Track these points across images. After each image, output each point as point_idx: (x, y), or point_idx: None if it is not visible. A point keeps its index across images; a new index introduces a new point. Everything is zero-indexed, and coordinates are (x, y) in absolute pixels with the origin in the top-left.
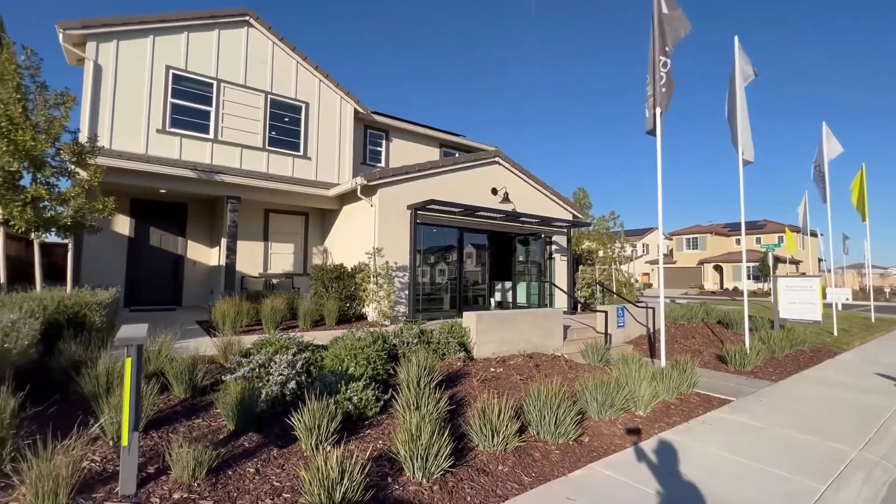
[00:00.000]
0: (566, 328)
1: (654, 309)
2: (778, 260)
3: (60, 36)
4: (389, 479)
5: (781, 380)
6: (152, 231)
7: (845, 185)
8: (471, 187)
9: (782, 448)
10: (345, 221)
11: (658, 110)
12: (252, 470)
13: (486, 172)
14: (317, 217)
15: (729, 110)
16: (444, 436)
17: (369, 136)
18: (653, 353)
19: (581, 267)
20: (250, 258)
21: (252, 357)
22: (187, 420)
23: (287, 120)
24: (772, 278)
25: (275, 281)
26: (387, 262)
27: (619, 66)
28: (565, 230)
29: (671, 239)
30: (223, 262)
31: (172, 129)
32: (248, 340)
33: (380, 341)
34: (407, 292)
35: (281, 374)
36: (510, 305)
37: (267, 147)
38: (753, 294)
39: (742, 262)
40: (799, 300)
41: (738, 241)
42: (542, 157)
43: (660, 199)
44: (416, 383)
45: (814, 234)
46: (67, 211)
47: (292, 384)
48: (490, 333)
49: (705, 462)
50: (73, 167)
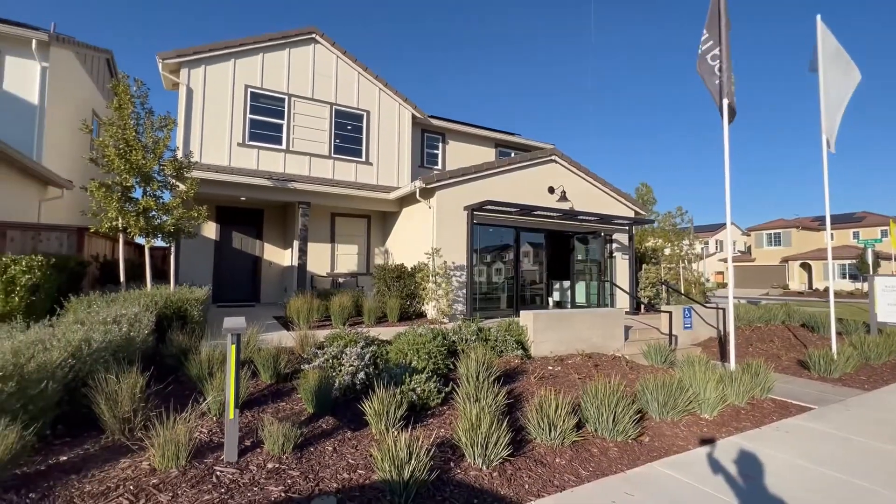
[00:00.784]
0: (627, 329)
1: (724, 310)
2: (879, 257)
3: (160, 65)
4: (452, 464)
5: (875, 389)
6: (234, 235)
7: None
8: (527, 186)
9: (871, 460)
10: (404, 223)
11: (724, 93)
12: (330, 448)
13: (543, 171)
14: (378, 219)
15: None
16: (503, 426)
17: (426, 140)
18: (723, 356)
19: (644, 266)
20: (318, 259)
21: (326, 349)
22: (273, 403)
23: (350, 128)
24: (869, 277)
25: (341, 280)
26: (445, 262)
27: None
28: (626, 228)
29: (749, 235)
30: (295, 263)
31: (251, 143)
32: (321, 334)
33: (440, 338)
34: (464, 291)
35: (352, 365)
36: (568, 305)
37: (332, 155)
38: (850, 295)
39: (828, 258)
40: None
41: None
42: (603, 154)
43: (727, 187)
44: (475, 377)
45: None
46: (171, 219)
47: (361, 374)
48: (547, 332)
49: (778, 469)
50: (173, 181)
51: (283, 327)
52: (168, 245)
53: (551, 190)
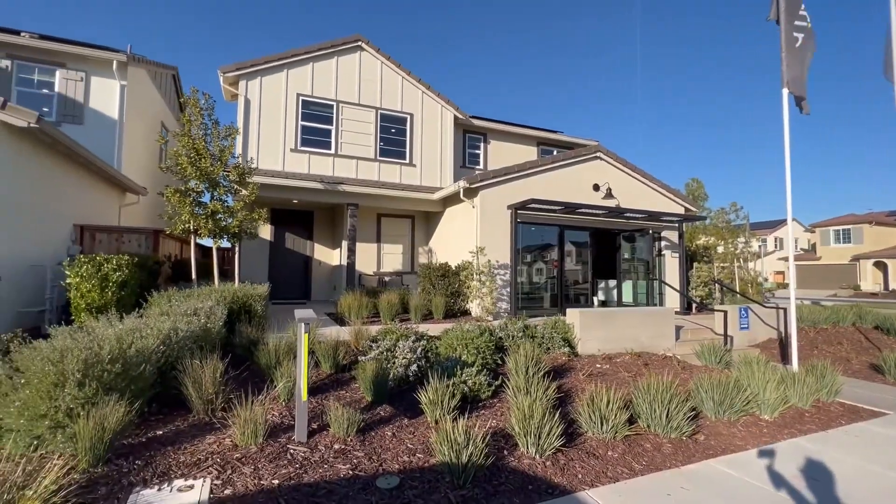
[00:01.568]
0: (678, 328)
1: (784, 310)
2: None
3: (221, 79)
4: (505, 452)
5: None
6: (287, 236)
7: None
8: (571, 184)
9: None
10: (448, 222)
11: (783, 82)
12: (389, 434)
13: (587, 168)
14: (422, 219)
15: (885, 68)
16: (556, 417)
17: (468, 140)
18: (784, 358)
19: (696, 264)
20: (366, 258)
21: (379, 343)
22: (334, 391)
23: (393, 131)
24: None
25: (386, 278)
26: (489, 261)
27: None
28: (676, 225)
29: (813, 231)
30: (344, 262)
31: (302, 148)
32: (373, 329)
33: (487, 334)
34: (508, 289)
35: (405, 358)
36: (614, 305)
37: (378, 157)
38: None
39: None
40: None
41: None
42: (651, 148)
43: (788, 181)
44: (524, 371)
45: None
46: (235, 220)
47: (414, 367)
48: (594, 330)
49: (847, 473)
50: (237, 185)
51: (335, 323)
52: (232, 245)
53: (596, 187)
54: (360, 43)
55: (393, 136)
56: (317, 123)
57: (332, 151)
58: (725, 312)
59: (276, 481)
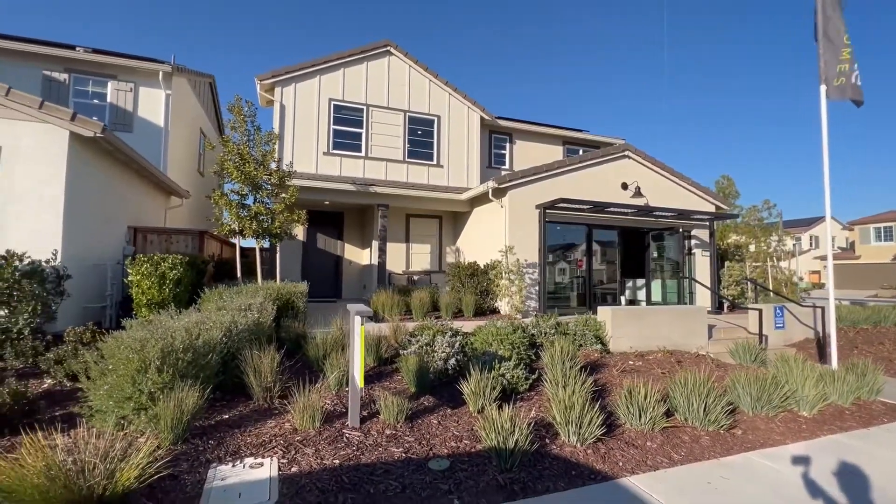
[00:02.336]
0: (710, 327)
1: (822, 309)
2: None
3: (258, 86)
4: (547, 440)
5: None
6: (318, 236)
7: None
8: (599, 183)
9: None
10: (475, 222)
11: (821, 78)
12: (435, 421)
13: (616, 167)
14: (449, 219)
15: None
16: (595, 408)
17: (494, 140)
18: (822, 357)
19: (727, 263)
20: (395, 257)
21: (418, 338)
22: (379, 382)
23: (420, 133)
24: None
25: (415, 277)
26: (517, 260)
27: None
28: (707, 223)
29: (851, 229)
30: (375, 262)
31: (334, 151)
32: (408, 326)
33: (520, 330)
34: (537, 288)
35: (444, 352)
36: (643, 304)
37: (406, 159)
38: None
39: None
40: None
41: None
42: (680, 146)
43: (826, 176)
44: (560, 365)
45: None
46: (277, 221)
47: (452, 361)
48: (626, 328)
49: (888, 469)
50: (277, 188)
51: (370, 319)
52: (272, 245)
53: (624, 186)
54: (388, 48)
55: (420, 138)
56: (348, 127)
57: (363, 154)
58: (760, 311)
59: (336, 461)
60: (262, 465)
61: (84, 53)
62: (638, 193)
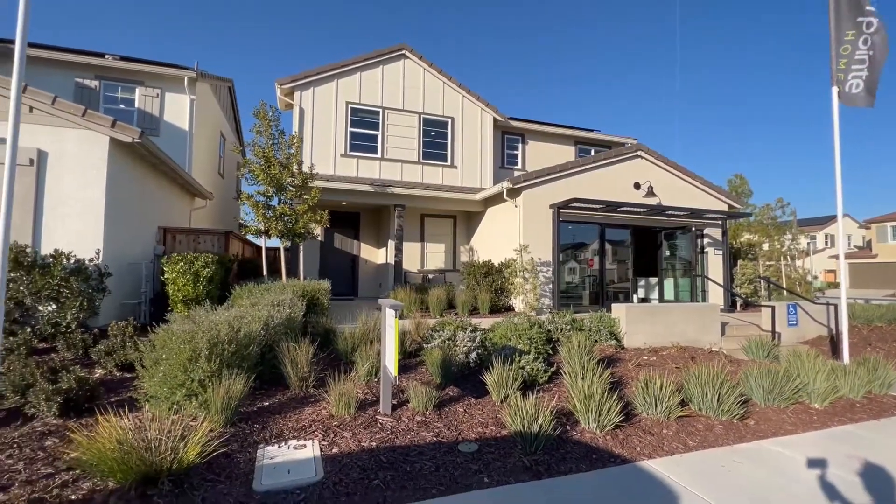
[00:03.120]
0: (723, 325)
1: (835, 306)
2: None
3: (278, 90)
4: (567, 427)
5: None
6: (335, 236)
7: None
8: (612, 183)
9: None
10: (489, 222)
11: (833, 79)
12: (461, 410)
13: (628, 167)
14: (463, 219)
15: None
16: (613, 397)
17: (506, 141)
18: (836, 354)
19: (740, 261)
20: (410, 256)
21: (441, 332)
22: (405, 374)
23: (434, 134)
24: None
25: (430, 276)
26: (532, 258)
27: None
28: (719, 222)
29: (868, 227)
30: (391, 261)
31: (351, 153)
32: (428, 322)
33: (536, 326)
34: (550, 286)
35: (465, 346)
36: (655, 302)
37: (421, 160)
38: None
39: None
40: None
41: None
42: (692, 143)
43: (838, 176)
44: (578, 358)
45: None
46: (301, 222)
47: (474, 354)
48: (639, 325)
49: None
50: (300, 190)
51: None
52: (294, 244)
53: (637, 185)
54: (404, 51)
55: (435, 140)
56: (364, 129)
57: (379, 155)
58: (773, 308)
59: (373, 444)
60: (304, 446)
61: (113, 61)
62: (650, 193)
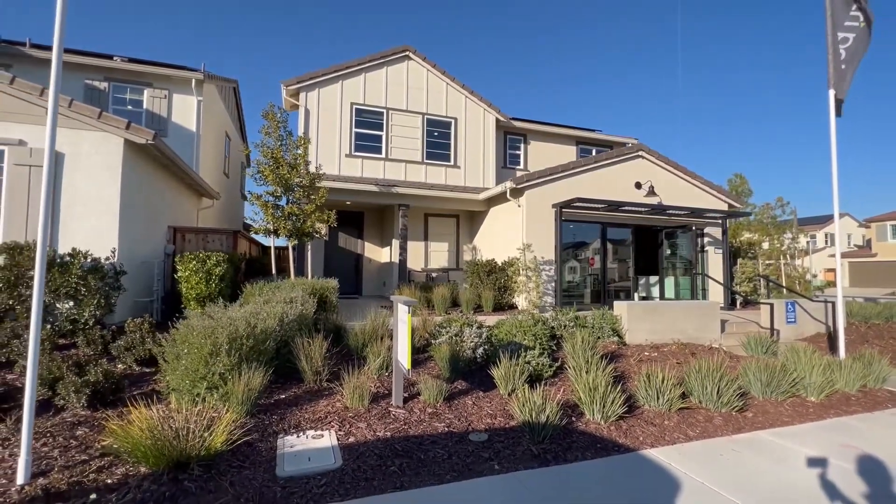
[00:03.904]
0: (723, 322)
1: (833, 304)
2: None
3: (283, 91)
4: (573, 419)
5: None
6: (340, 235)
7: None
8: (613, 182)
9: None
10: (492, 221)
11: (830, 83)
12: (470, 402)
13: (630, 167)
14: (466, 218)
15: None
16: (617, 390)
17: (508, 141)
18: (833, 351)
19: (740, 260)
20: (414, 255)
21: (447, 329)
22: (414, 368)
23: (437, 134)
24: None
25: (434, 274)
26: (535, 257)
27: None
28: (720, 221)
29: (868, 226)
30: (395, 260)
31: (356, 153)
32: (435, 319)
33: (540, 323)
34: (553, 284)
35: (472, 342)
36: (656, 300)
37: (424, 160)
38: None
39: None
40: None
41: None
42: (693, 143)
43: (835, 177)
44: (582, 353)
45: None
46: (310, 221)
47: (481, 350)
48: (641, 322)
49: (890, 444)
50: (307, 190)
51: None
52: (301, 244)
53: (638, 185)
54: (407, 53)
55: (438, 140)
56: (368, 130)
57: (383, 156)
58: (772, 305)
59: (388, 434)
60: (322, 436)
61: (122, 63)
62: (651, 192)
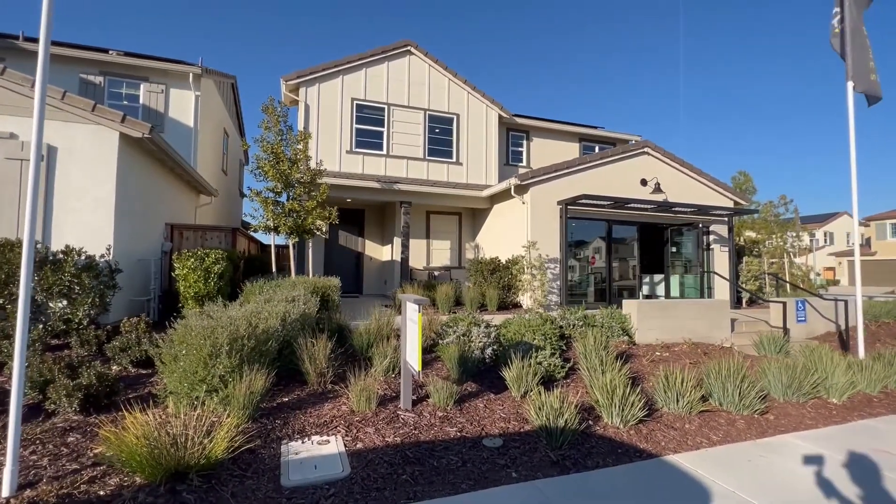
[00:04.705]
0: (732, 321)
1: (845, 302)
2: None
3: (283, 86)
4: (590, 422)
5: None
6: (340, 233)
7: None
8: (618, 179)
9: None
10: (495, 219)
11: (848, 75)
12: (481, 405)
13: (635, 164)
14: (468, 216)
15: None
16: (637, 392)
17: (511, 138)
18: (845, 350)
19: (745, 258)
20: (416, 253)
21: (454, 328)
22: (422, 370)
23: (439, 131)
24: None
25: (436, 273)
26: (539, 255)
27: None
28: (725, 219)
29: (868, 225)
30: (397, 258)
31: (357, 150)
32: (441, 318)
33: (549, 322)
34: (558, 283)
35: (481, 342)
36: (662, 298)
37: (426, 157)
38: None
39: None
40: None
41: None
42: (698, 141)
43: (854, 178)
44: (595, 353)
45: None
46: (310, 218)
47: (489, 350)
48: (651, 321)
49: None
50: (308, 187)
51: (398, 313)
52: (302, 241)
53: (644, 182)
54: (409, 48)
55: (440, 136)
56: (370, 126)
57: (384, 152)
58: (784, 304)
59: (397, 439)
60: (328, 442)
61: (118, 56)
62: (657, 189)
